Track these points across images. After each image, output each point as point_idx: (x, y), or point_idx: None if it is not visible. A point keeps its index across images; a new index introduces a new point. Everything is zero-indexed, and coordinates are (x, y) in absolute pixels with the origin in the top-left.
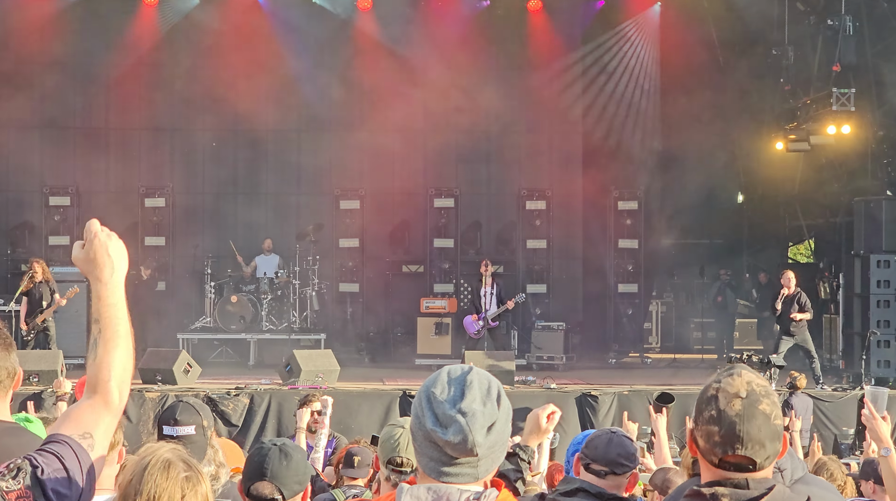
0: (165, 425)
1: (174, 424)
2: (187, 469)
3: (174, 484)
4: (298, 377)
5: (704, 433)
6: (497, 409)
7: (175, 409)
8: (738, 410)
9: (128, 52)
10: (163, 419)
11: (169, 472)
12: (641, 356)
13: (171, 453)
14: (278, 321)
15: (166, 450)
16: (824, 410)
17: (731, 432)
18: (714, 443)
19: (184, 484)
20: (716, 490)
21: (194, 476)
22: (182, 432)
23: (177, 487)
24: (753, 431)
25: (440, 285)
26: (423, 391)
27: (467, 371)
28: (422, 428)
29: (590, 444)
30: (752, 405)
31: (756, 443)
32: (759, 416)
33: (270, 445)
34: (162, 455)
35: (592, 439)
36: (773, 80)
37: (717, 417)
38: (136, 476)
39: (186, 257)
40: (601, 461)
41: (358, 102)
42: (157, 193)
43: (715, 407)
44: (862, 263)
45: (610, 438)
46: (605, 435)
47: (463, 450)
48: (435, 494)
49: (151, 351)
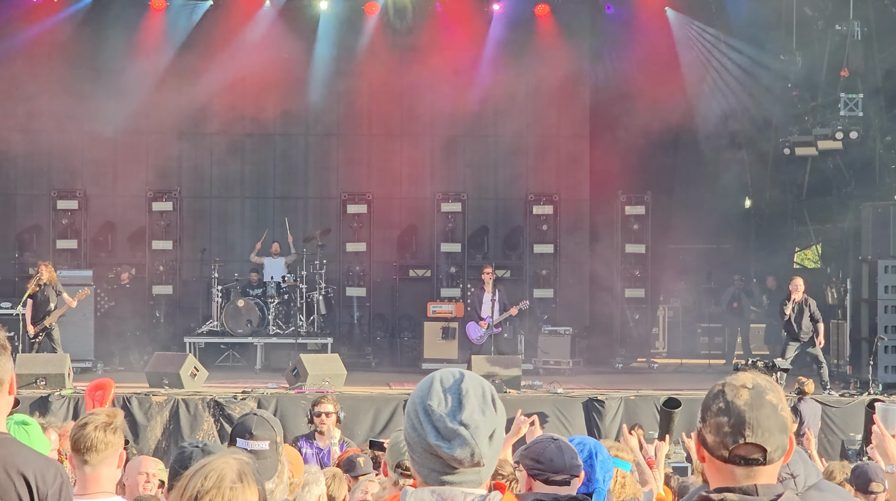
0: (240, 438)
1: (249, 438)
2: (237, 480)
3: (217, 490)
4: (305, 381)
5: (713, 427)
6: (495, 414)
7: (251, 423)
8: (746, 399)
9: (136, 55)
10: (237, 431)
11: (219, 480)
12: (648, 361)
13: (229, 462)
14: (285, 324)
15: (223, 461)
16: (831, 415)
17: (741, 420)
18: (724, 434)
19: (227, 494)
20: (725, 497)
21: (241, 488)
22: (256, 447)
23: (219, 494)
24: (762, 419)
25: (447, 289)
26: (419, 403)
27: (460, 379)
28: (422, 442)
29: (541, 458)
30: (760, 396)
31: (765, 431)
32: (766, 405)
33: (192, 447)
34: (218, 463)
35: (541, 452)
36: (782, 84)
37: (726, 408)
38: (191, 476)
39: (194, 260)
40: (560, 470)
41: (366, 106)
42: (165, 196)
43: (723, 400)
44: (869, 268)
45: (559, 446)
46: (552, 445)
47: (469, 463)
48: (439, 497)
49: (158, 355)
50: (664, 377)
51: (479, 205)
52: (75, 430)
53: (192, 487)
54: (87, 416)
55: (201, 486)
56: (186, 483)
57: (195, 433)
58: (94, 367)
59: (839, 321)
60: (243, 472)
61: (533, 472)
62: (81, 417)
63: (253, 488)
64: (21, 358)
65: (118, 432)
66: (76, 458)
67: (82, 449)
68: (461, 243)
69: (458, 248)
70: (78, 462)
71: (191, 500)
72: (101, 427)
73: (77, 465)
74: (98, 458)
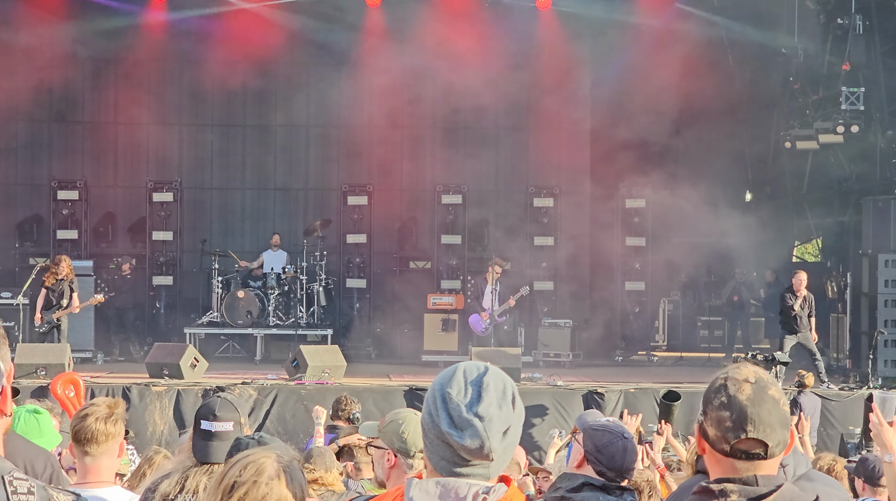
0: (203, 420)
1: (213, 419)
2: (274, 476)
3: (253, 484)
4: (305, 372)
5: (715, 421)
6: (512, 412)
7: (214, 405)
8: (748, 394)
9: (136, 46)
10: (201, 413)
11: (257, 473)
12: (648, 354)
13: (270, 456)
14: (285, 316)
15: (265, 454)
16: (831, 409)
17: (742, 414)
18: (725, 429)
19: (262, 488)
20: (724, 487)
21: (278, 483)
22: (220, 428)
23: (255, 488)
24: (764, 414)
25: (447, 281)
26: (439, 389)
27: (483, 372)
28: (435, 428)
29: (604, 451)
30: (762, 390)
31: (767, 426)
32: (768, 400)
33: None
34: (258, 455)
35: (607, 445)
36: (783, 78)
37: (728, 402)
38: (232, 464)
39: (194, 251)
40: (617, 470)
41: (366, 98)
42: (165, 187)
43: (725, 394)
44: (870, 262)
45: (625, 446)
46: (619, 442)
47: (478, 455)
48: (444, 488)
49: (158, 345)
50: (664, 370)
51: (479, 197)
52: (76, 421)
53: (229, 476)
54: (88, 407)
55: (238, 477)
56: (226, 472)
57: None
58: (93, 357)
59: (839, 315)
60: (283, 470)
61: (590, 457)
62: (82, 408)
63: (291, 486)
64: (21, 348)
65: (119, 423)
66: (77, 449)
67: (83, 441)
68: (461, 236)
69: (459, 240)
70: (78, 452)
71: (226, 490)
72: (103, 419)
73: (77, 456)
74: (99, 450)
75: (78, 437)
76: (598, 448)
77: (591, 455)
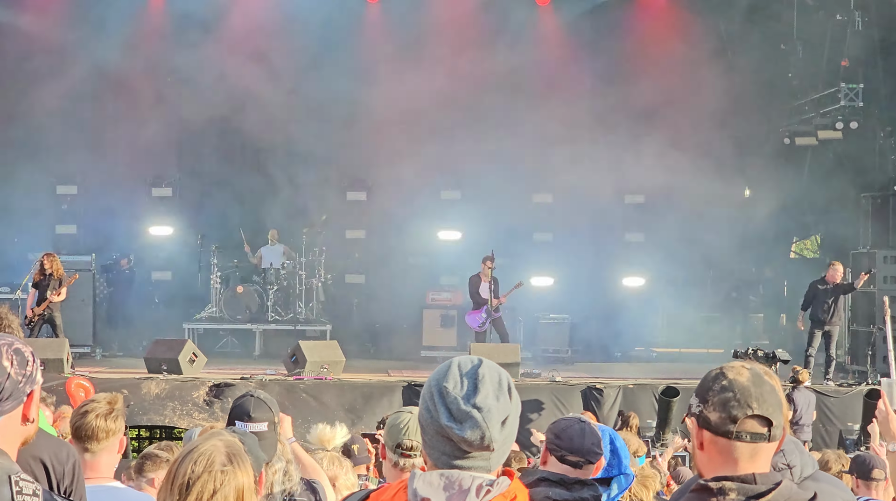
0: (238, 421)
1: (247, 420)
2: (227, 462)
3: (208, 475)
4: (304, 367)
5: (718, 404)
6: (509, 402)
7: (248, 405)
8: (747, 376)
9: (136, 41)
10: (235, 414)
11: (209, 464)
12: (647, 350)
13: (217, 445)
14: (284, 311)
15: (212, 444)
16: (829, 405)
17: (746, 392)
18: (730, 408)
19: (218, 477)
20: (723, 485)
21: (232, 469)
22: (255, 428)
23: (210, 479)
24: (766, 393)
25: (446, 277)
26: (435, 384)
27: (478, 364)
28: (434, 423)
29: (562, 435)
30: (759, 376)
31: (770, 405)
32: (766, 384)
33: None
34: (206, 446)
35: (564, 429)
36: (782, 74)
37: (729, 385)
38: (179, 461)
39: (193, 246)
40: (577, 452)
41: (366, 92)
42: (164, 182)
43: (725, 378)
44: (868, 258)
45: (582, 428)
46: (577, 425)
47: (479, 446)
48: (447, 480)
49: (157, 341)
50: (663, 365)
51: (478, 193)
52: (76, 417)
53: (182, 473)
54: (88, 403)
55: (192, 471)
56: (176, 469)
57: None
58: (92, 352)
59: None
60: (232, 453)
61: (550, 447)
62: (82, 404)
63: (245, 468)
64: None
65: (119, 418)
66: (77, 445)
67: (83, 437)
68: (461, 231)
69: (458, 236)
70: (79, 448)
71: (182, 487)
72: (103, 416)
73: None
74: (99, 446)
75: (78, 434)
76: (556, 434)
77: (552, 444)
